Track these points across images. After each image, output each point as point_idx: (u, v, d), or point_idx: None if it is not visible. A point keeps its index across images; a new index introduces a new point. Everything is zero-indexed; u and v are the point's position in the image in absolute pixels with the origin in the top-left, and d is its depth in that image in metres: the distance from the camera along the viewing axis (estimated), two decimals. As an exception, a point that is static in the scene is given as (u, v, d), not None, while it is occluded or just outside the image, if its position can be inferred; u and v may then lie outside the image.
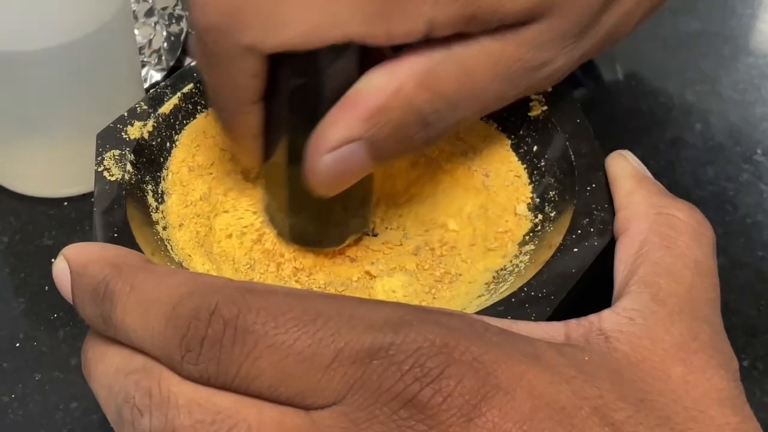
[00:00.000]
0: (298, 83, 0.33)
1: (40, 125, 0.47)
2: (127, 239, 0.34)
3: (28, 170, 0.49)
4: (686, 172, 0.51)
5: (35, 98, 0.45)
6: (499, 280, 0.36)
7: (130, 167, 0.37)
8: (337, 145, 0.33)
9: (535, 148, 0.39)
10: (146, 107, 0.39)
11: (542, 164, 0.39)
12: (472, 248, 0.38)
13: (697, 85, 0.56)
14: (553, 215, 0.37)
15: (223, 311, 0.25)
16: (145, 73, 0.54)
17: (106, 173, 0.36)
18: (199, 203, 0.39)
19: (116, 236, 0.34)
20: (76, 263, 0.28)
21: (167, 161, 0.39)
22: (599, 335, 0.29)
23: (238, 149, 0.38)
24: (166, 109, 0.39)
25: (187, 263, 0.36)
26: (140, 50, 0.54)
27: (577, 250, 0.34)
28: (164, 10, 0.56)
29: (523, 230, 0.38)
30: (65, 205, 0.49)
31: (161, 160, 0.39)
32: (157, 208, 0.38)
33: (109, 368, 0.27)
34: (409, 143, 0.34)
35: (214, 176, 0.39)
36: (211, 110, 0.39)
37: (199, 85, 0.40)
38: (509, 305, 0.32)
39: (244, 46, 0.32)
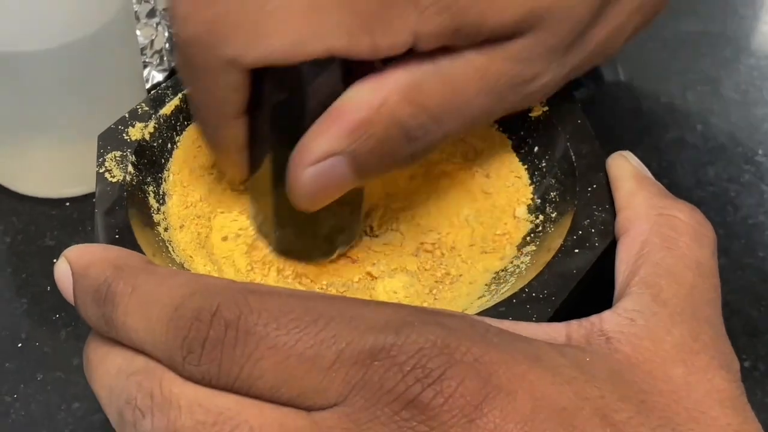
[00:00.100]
0: (281, 97, 0.33)
1: (41, 126, 0.47)
2: (128, 240, 0.34)
3: (29, 171, 0.49)
4: (687, 172, 0.51)
5: (37, 99, 0.45)
6: (500, 280, 0.36)
7: (131, 168, 0.37)
8: (319, 158, 0.32)
9: (535, 148, 0.39)
10: (147, 108, 0.39)
11: (543, 165, 0.39)
12: (471, 249, 0.38)
13: (698, 85, 0.56)
14: (553, 216, 0.37)
15: (224, 312, 0.25)
16: (146, 73, 0.54)
17: (107, 174, 0.36)
18: (199, 204, 0.39)
19: (118, 237, 0.34)
20: (77, 264, 0.28)
21: (168, 162, 0.39)
22: (600, 336, 0.29)
23: (223, 163, 0.37)
24: (167, 110, 0.39)
25: (188, 264, 0.36)
26: (142, 51, 0.54)
27: (578, 251, 0.34)
28: (166, 10, 0.56)
29: (521, 233, 0.38)
30: (67, 205, 0.49)
31: (162, 161, 0.39)
32: (158, 209, 0.38)
33: (110, 369, 0.27)
34: (393, 158, 0.33)
35: (214, 177, 0.39)
36: (194, 123, 0.39)
37: None
38: (510, 306, 0.32)
39: (225, 59, 0.32)
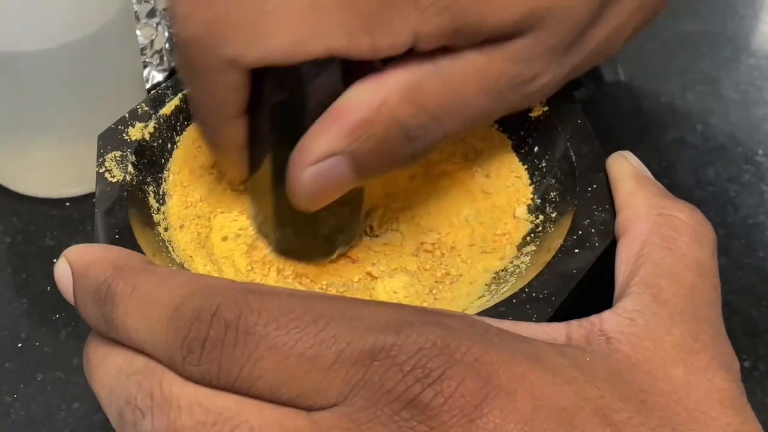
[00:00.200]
0: (281, 97, 0.33)
1: (41, 125, 0.47)
2: (128, 240, 0.34)
3: (29, 170, 0.49)
4: (687, 172, 0.51)
5: (37, 98, 0.45)
6: (500, 281, 0.36)
7: (131, 168, 0.37)
8: (319, 158, 0.32)
9: (535, 148, 0.39)
10: (147, 108, 0.39)
11: (543, 165, 0.39)
12: (471, 249, 0.38)
13: (698, 85, 0.56)
14: (553, 216, 0.37)
15: (224, 312, 0.25)
16: (146, 73, 0.54)
17: (107, 174, 0.36)
18: (199, 204, 0.39)
19: (118, 237, 0.34)
20: (77, 265, 0.28)
21: (168, 162, 0.39)
22: (600, 336, 0.29)
23: (223, 163, 0.37)
24: (167, 110, 0.39)
25: (188, 264, 0.36)
26: (142, 51, 0.54)
27: (578, 251, 0.34)
28: (166, 10, 0.56)
29: (521, 233, 0.38)
30: (67, 205, 0.49)
31: (162, 161, 0.39)
32: (158, 209, 0.38)
33: (110, 369, 0.27)
34: (393, 158, 0.33)
35: (214, 177, 0.39)
36: (194, 123, 0.39)
37: None
38: (510, 306, 0.32)
39: (225, 59, 0.32)
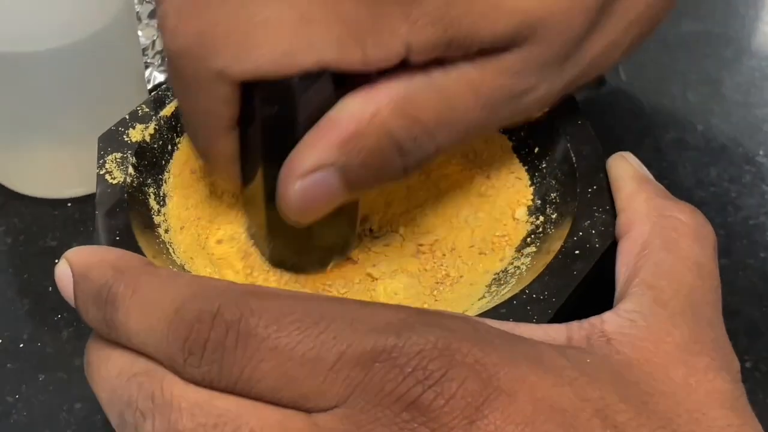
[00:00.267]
0: (272, 110, 0.32)
1: (43, 126, 0.47)
2: (129, 242, 0.34)
3: (31, 171, 0.49)
4: (688, 173, 0.51)
5: (38, 99, 0.45)
6: (500, 282, 0.36)
7: (131, 170, 0.37)
8: (308, 171, 0.32)
9: (536, 149, 0.39)
10: (148, 110, 0.39)
11: (543, 166, 0.39)
12: (471, 250, 0.38)
13: (699, 86, 0.56)
14: (554, 217, 0.37)
15: (225, 314, 0.25)
16: (148, 74, 0.54)
17: (107, 176, 0.36)
18: (200, 206, 0.39)
19: (118, 239, 0.34)
20: (78, 266, 0.28)
21: (169, 164, 0.39)
22: (601, 337, 0.29)
23: (215, 175, 0.37)
24: (167, 111, 0.39)
25: (188, 266, 0.36)
26: (143, 51, 0.54)
27: (578, 252, 0.34)
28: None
29: (521, 235, 0.38)
30: (69, 205, 0.49)
31: (163, 162, 0.39)
32: (158, 211, 0.38)
33: (111, 371, 0.27)
34: (385, 171, 0.33)
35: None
36: (185, 135, 0.39)
37: None
38: (511, 307, 0.32)
39: (214, 72, 0.31)
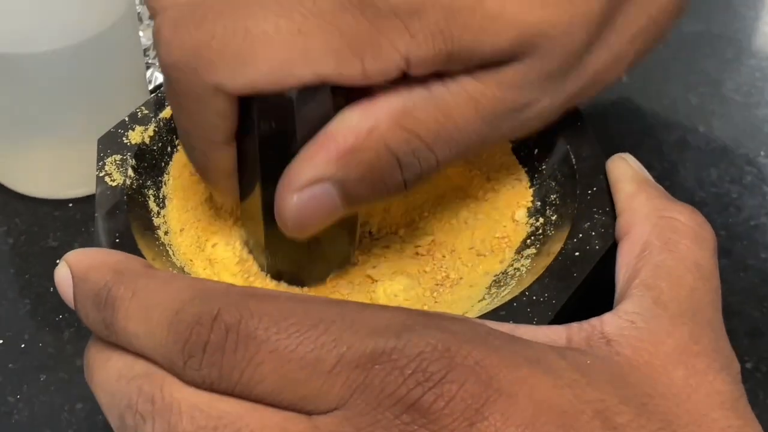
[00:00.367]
0: (269, 124, 0.32)
1: (45, 127, 0.47)
2: (128, 244, 0.34)
3: (33, 171, 0.49)
4: (690, 174, 0.51)
5: (40, 100, 0.46)
6: (500, 284, 0.36)
7: (131, 172, 0.37)
8: (305, 184, 0.31)
9: (536, 151, 0.39)
10: (147, 112, 0.39)
11: (543, 168, 0.39)
12: (471, 252, 0.38)
13: (700, 87, 0.56)
14: (554, 219, 0.37)
15: (225, 317, 0.25)
16: (149, 75, 0.54)
17: (107, 178, 0.36)
18: (200, 208, 0.39)
19: (118, 241, 0.34)
20: (77, 269, 0.28)
21: (168, 166, 0.39)
22: (601, 339, 0.29)
23: (212, 189, 0.37)
24: (167, 113, 0.39)
25: (188, 268, 0.36)
26: (145, 52, 0.54)
27: (578, 253, 0.34)
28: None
29: (520, 237, 0.37)
30: (70, 206, 0.49)
31: (162, 164, 0.39)
32: (158, 212, 0.38)
33: (111, 374, 0.27)
34: (383, 186, 0.32)
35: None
36: (181, 149, 0.39)
37: None
38: (511, 309, 0.32)
39: (210, 85, 0.31)
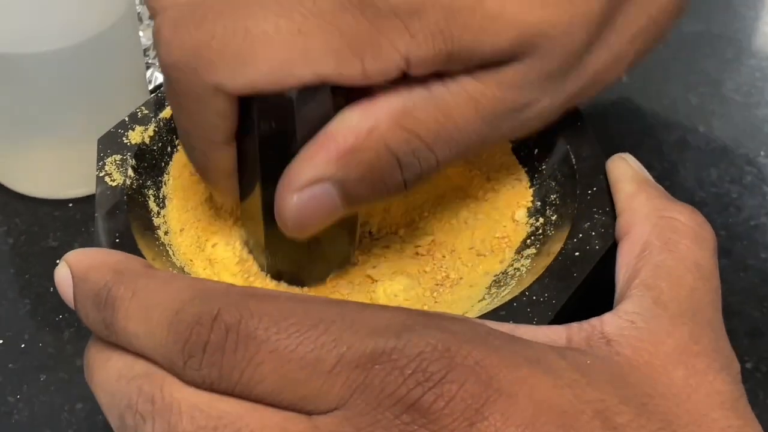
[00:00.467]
0: (270, 123, 0.32)
1: (45, 127, 0.47)
2: (128, 244, 0.34)
3: (33, 171, 0.49)
4: (690, 174, 0.51)
5: (40, 100, 0.46)
6: (500, 284, 0.36)
7: (131, 172, 0.37)
8: (305, 184, 0.31)
9: (535, 151, 0.39)
10: (147, 112, 0.39)
11: (543, 168, 0.39)
12: (471, 252, 0.38)
13: (700, 87, 0.56)
14: (554, 219, 0.37)
15: (225, 317, 0.25)
16: (149, 75, 0.54)
17: (107, 178, 0.36)
18: (200, 208, 0.39)
19: (118, 241, 0.34)
20: (77, 269, 0.28)
21: (168, 166, 0.39)
22: (601, 339, 0.29)
23: (212, 189, 0.37)
24: (167, 113, 0.39)
25: (188, 268, 0.36)
26: (145, 52, 0.54)
27: (578, 254, 0.34)
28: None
29: (520, 237, 0.37)
30: (70, 206, 0.49)
31: (162, 164, 0.39)
32: (158, 212, 0.38)
33: (111, 374, 0.27)
34: (383, 186, 0.32)
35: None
36: (181, 149, 0.39)
37: None
38: (511, 309, 0.32)
39: (211, 85, 0.31)
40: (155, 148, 0.39)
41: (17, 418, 0.41)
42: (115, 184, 0.36)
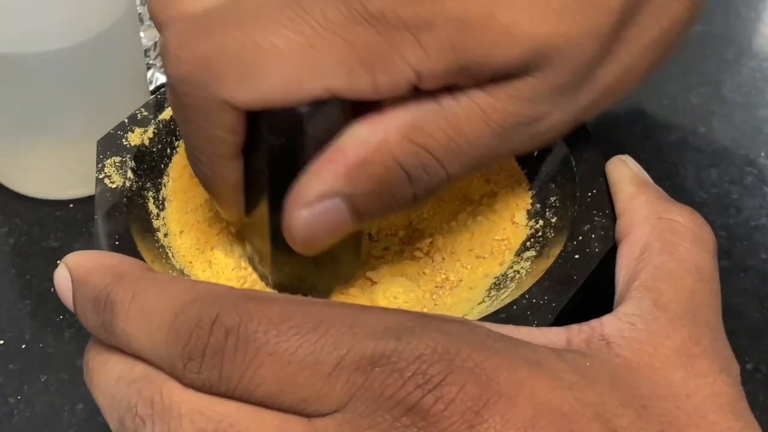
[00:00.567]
0: (278, 138, 0.31)
1: (45, 127, 0.47)
2: (128, 247, 0.34)
3: (33, 172, 0.49)
4: (690, 174, 0.51)
5: (41, 100, 0.46)
6: (500, 286, 0.36)
7: (131, 174, 0.37)
8: (315, 199, 0.31)
9: (535, 153, 0.39)
10: (147, 113, 0.39)
11: (543, 170, 0.39)
12: (470, 254, 0.38)
13: (700, 87, 0.56)
14: (554, 221, 0.37)
15: (224, 320, 0.25)
16: (150, 75, 0.54)
17: (106, 180, 0.36)
18: (200, 210, 0.38)
19: (118, 244, 0.34)
20: (77, 271, 0.28)
21: (168, 168, 0.39)
22: (601, 341, 0.29)
23: (217, 203, 0.36)
24: (166, 115, 0.39)
25: (188, 270, 0.36)
26: (146, 53, 0.54)
27: (578, 256, 0.34)
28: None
29: (520, 239, 0.37)
30: (71, 206, 0.49)
31: (162, 166, 0.39)
32: (157, 215, 0.38)
33: (111, 376, 0.27)
34: (393, 200, 0.32)
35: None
36: (188, 162, 0.39)
37: None
38: (511, 312, 0.32)
39: (219, 99, 0.30)
40: (155, 149, 0.39)
41: (18, 418, 0.41)
42: (114, 186, 0.36)
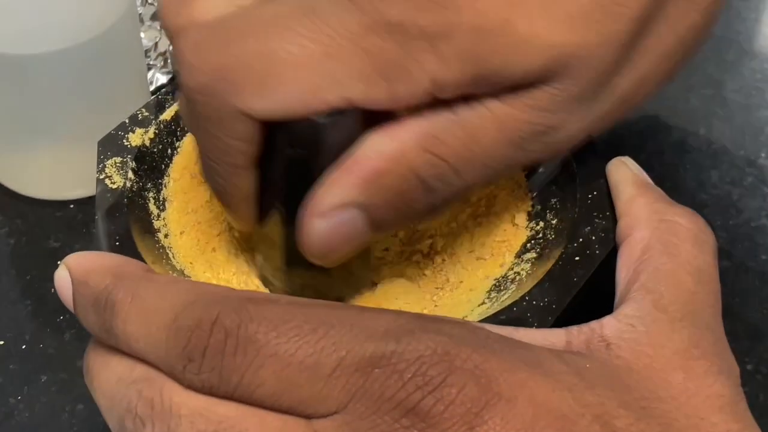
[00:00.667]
0: (294, 148, 0.31)
1: (46, 128, 0.47)
2: (128, 247, 0.34)
3: (34, 172, 0.49)
4: (690, 175, 0.51)
5: (41, 101, 0.46)
6: (500, 288, 0.36)
7: (131, 174, 0.37)
8: (331, 209, 0.31)
9: None
10: (147, 114, 0.39)
11: (543, 171, 0.38)
12: (471, 255, 0.38)
13: (701, 88, 0.56)
14: (554, 223, 0.37)
15: (224, 321, 0.25)
16: (150, 76, 0.54)
17: (107, 180, 0.36)
18: (200, 210, 0.38)
19: (118, 244, 0.34)
20: (77, 272, 0.28)
21: (168, 168, 0.39)
22: (600, 342, 0.29)
23: (230, 213, 0.36)
24: (167, 115, 0.39)
25: (188, 271, 0.36)
26: (146, 53, 0.54)
27: (578, 258, 0.34)
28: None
29: (520, 240, 0.37)
30: (71, 207, 0.49)
31: (163, 167, 0.39)
32: (158, 215, 0.37)
33: (111, 378, 0.27)
34: (410, 211, 0.32)
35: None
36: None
37: None
38: (511, 314, 0.32)
39: (235, 109, 0.30)
40: (155, 150, 0.39)
41: (18, 419, 0.41)
42: (115, 186, 0.36)
